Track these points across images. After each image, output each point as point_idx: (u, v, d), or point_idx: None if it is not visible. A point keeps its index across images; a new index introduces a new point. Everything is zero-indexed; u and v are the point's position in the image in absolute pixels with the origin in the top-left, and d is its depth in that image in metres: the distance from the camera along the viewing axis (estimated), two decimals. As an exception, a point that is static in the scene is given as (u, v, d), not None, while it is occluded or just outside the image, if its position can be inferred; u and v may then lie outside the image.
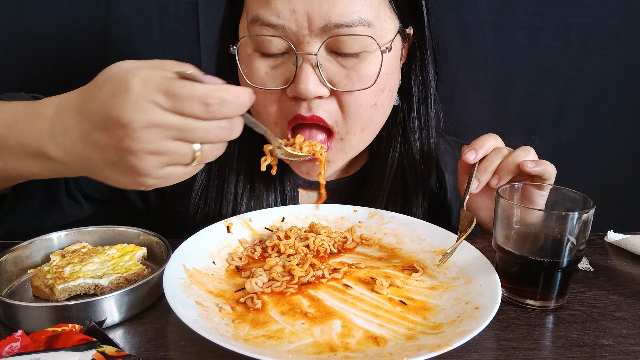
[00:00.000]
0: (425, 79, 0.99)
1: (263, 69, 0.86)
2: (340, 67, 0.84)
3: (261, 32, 0.82)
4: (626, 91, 1.51)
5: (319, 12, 0.79)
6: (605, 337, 0.66)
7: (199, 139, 0.61)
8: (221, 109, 0.60)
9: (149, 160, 0.60)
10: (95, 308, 0.65)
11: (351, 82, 0.85)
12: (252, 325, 0.65)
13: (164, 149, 0.60)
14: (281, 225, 0.91)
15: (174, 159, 0.61)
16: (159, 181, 0.63)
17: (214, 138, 0.62)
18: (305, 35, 0.81)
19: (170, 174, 0.63)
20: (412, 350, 0.59)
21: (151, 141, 0.59)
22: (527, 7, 1.43)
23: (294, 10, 0.79)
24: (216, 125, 0.61)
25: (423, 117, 1.00)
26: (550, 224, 0.71)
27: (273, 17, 0.80)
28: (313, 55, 0.82)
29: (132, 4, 1.39)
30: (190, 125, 0.60)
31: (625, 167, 1.59)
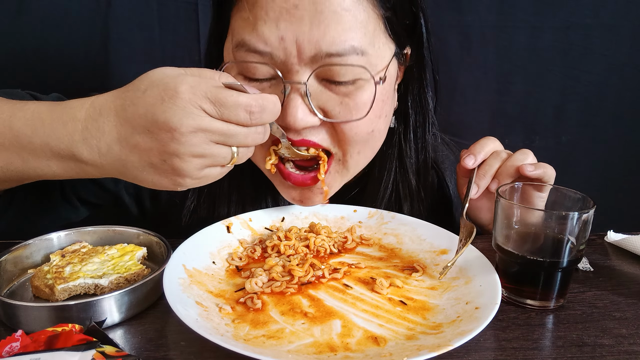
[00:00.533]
0: (423, 101, 0.95)
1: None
2: (333, 95, 0.79)
3: (247, 58, 0.77)
4: (626, 91, 1.51)
5: (309, 40, 0.73)
6: (605, 337, 0.66)
7: (239, 143, 0.67)
8: (262, 116, 0.66)
9: (192, 162, 0.65)
10: (95, 308, 0.65)
11: (344, 111, 0.79)
12: (252, 325, 0.65)
13: (207, 152, 0.65)
14: (281, 225, 0.91)
15: (214, 160, 0.67)
16: (197, 181, 0.68)
17: (251, 142, 0.68)
18: (294, 63, 0.75)
19: (209, 174, 0.68)
20: (412, 350, 0.59)
21: (197, 145, 0.64)
22: (527, 7, 1.43)
23: (283, 38, 0.73)
24: (254, 130, 0.67)
25: (420, 140, 0.97)
26: (550, 224, 0.71)
27: (260, 44, 0.75)
28: (302, 85, 0.76)
29: (132, 3, 1.39)
30: (234, 131, 0.65)
31: (625, 167, 1.59)
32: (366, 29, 0.76)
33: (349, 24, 0.74)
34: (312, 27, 0.73)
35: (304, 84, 0.76)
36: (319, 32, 0.73)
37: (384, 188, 0.98)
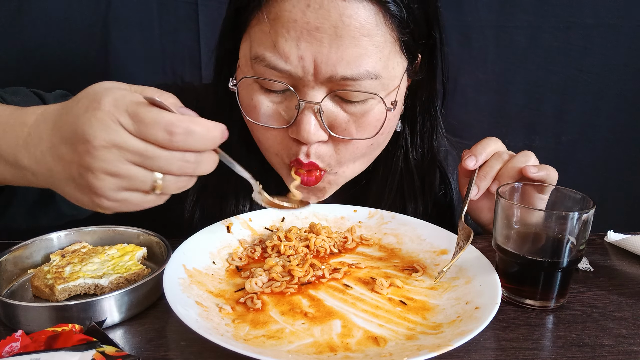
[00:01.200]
0: (431, 108, 0.96)
1: (264, 104, 0.83)
2: (343, 113, 0.82)
3: (264, 72, 0.79)
4: (626, 91, 1.51)
5: (327, 62, 0.75)
6: (605, 337, 0.66)
7: (161, 168, 0.59)
8: (187, 140, 0.58)
9: (106, 180, 0.58)
10: (95, 308, 0.65)
11: (352, 129, 0.83)
12: (252, 325, 0.65)
13: (122, 171, 0.58)
14: (281, 226, 0.91)
15: (131, 184, 0.59)
16: (116, 204, 0.61)
17: (177, 170, 0.60)
18: (310, 81, 0.78)
19: (128, 199, 0.61)
20: (412, 350, 0.59)
21: (110, 161, 0.57)
22: (527, 7, 1.43)
23: (302, 57, 0.76)
24: (180, 157, 0.59)
25: (427, 144, 0.98)
26: (550, 224, 0.71)
27: (280, 62, 0.77)
28: (316, 104, 0.79)
29: (132, 3, 1.39)
30: (152, 152, 0.58)
31: (625, 167, 1.59)
32: (382, 53, 0.78)
33: (366, 49, 0.76)
34: (330, 50, 0.75)
35: (318, 103, 0.79)
36: (336, 56, 0.75)
37: (389, 189, 0.99)
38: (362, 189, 1.01)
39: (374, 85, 0.79)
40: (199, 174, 0.62)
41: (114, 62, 1.43)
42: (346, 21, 0.74)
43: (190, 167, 0.60)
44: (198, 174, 0.62)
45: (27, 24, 1.37)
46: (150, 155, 0.58)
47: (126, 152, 0.57)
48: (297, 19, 0.75)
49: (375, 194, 1.00)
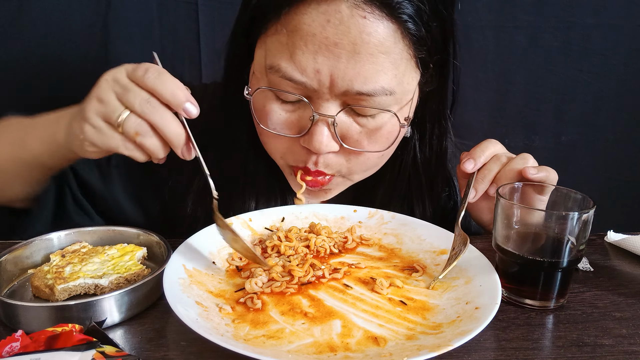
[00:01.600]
0: (442, 116, 0.97)
1: (277, 112, 0.83)
2: (355, 125, 0.83)
3: (280, 83, 0.80)
4: (626, 91, 1.51)
5: (343, 77, 0.76)
6: (605, 337, 0.66)
7: (128, 102, 0.70)
8: (155, 80, 0.70)
9: (93, 104, 0.71)
10: (95, 308, 0.65)
11: (364, 142, 0.84)
12: (252, 325, 0.65)
13: (104, 97, 0.71)
14: (281, 226, 0.91)
15: (106, 109, 0.70)
16: (92, 131, 0.72)
17: (138, 107, 0.69)
18: (325, 93, 0.78)
19: (101, 128, 0.71)
20: (412, 350, 0.59)
21: (102, 88, 0.71)
22: (527, 7, 1.43)
23: (319, 71, 0.76)
24: (146, 97, 0.70)
25: (436, 150, 0.99)
26: (550, 224, 0.71)
27: (296, 74, 0.77)
28: (330, 117, 0.80)
29: (132, 3, 1.39)
30: (129, 86, 0.70)
31: (625, 167, 1.59)
32: (397, 70, 0.79)
33: (382, 65, 0.77)
34: (347, 65, 0.75)
35: (333, 117, 0.80)
36: (353, 71, 0.76)
37: (397, 193, 1.00)
38: (368, 193, 1.02)
39: (388, 100, 0.80)
40: (161, 129, 0.70)
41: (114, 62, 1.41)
42: (365, 38, 0.74)
43: (148, 108, 0.70)
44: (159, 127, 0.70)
45: (26, 24, 1.37)
46: (127, 87, 0.70)
47: (115, 84, 0.71)
48: (316, 34, 0.75)
49: (382, 197, 1.01)
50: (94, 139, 0.72)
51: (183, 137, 0.72)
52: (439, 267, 0.79)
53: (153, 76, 0.70)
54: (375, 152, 0.86)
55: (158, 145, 0.72)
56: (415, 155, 0.98)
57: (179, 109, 0.71)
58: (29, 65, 1.41)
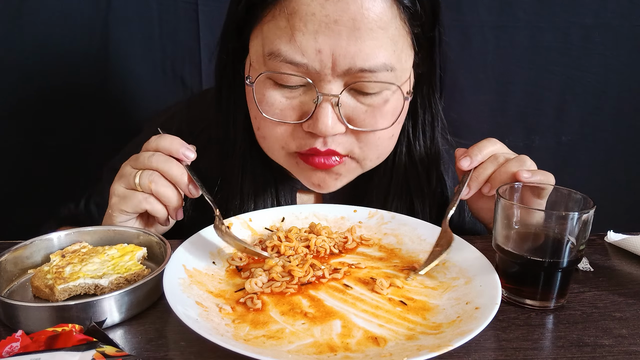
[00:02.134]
0: (431, 101, 0.97)
1: (278, 99, 0.83)
2: (360, 105, 0.83)
3: (281, 67, 0.79)
4: (626, 91, 1.51)
5: (345, 55, 0.77)
6: (605, 337, 0.66)
7: (141, 164, 0.83)
8: (158, 141, 0.84)
9: (116, 183, 0.85)
10: (95, 308, 0.65)
11: (370, 120, 0.84)
12: (252, 326, 0.65)
13: (124, 171, 0.85)
14: (281, 226, 0.91)
15: (126, 178, 0.84)
16: (119, 201, 0.84)
17: (147, 162, 0.82)
18: (327, 74, 0.79)
19: (124, 194, 0.84)
20: (412, 350, 0.59)
21: (122, 167, 0.86)
22: (527, 7, 1.43)
23: (320, 50, 0.76)
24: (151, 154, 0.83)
25: (429, 137, 1.00)
26: (550, 224, 0.71)
27: (297, 55, 0.77)
28: (335, 97, 0.80)
29: (132, 3, 1.39)
30: (139, 155, 0.84)
31: (625, 167, 1.59)
32: (396, 45, 0.80)
33: (382, 41, 0.78)
34: (349, 43, 0.76)
35: (337, 96, 0.80)
36: (355, 48, 0.76)
37: (395, 183, 1.00)
38: (366, 185, 1.01)
39: (389, 76, 0.80)
40: (167, 172, 0.83)
41: (114, 63, 1.43)
42: (365, 13, 0.75)
43: (155, 160, 0.82)
44: (165, 172, 0.83)
45: (27, 24, 1.37)
46: (137, 156, 0.84)
47: (130, 161, 0.85)
48: (316, 12, 0.75)
49: (380, 189, 1.00)
50: (121, 206, 0.84)
51: (185, 177, 0.83)
52: (439, 267, 0.79)
53: (154, 139, 0.84)
54: (383, 130, 0.85)
55: (170, 191, 0.83)
56: (410, 144, 0.99)
57: (179, 154, 0.83)
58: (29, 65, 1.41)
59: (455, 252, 0.81)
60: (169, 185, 0.83)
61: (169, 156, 0.83)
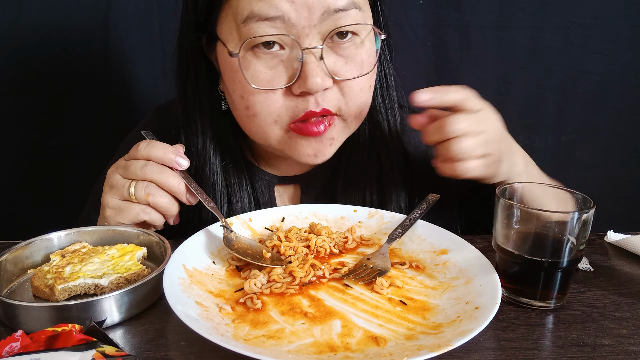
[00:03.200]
0: (384, 60, 1.00)
1: (262, 69, 0.84)
2: (339, 57, 0.86)
3: (257, 29, 0.81)
4: (626, 91, 1.51)
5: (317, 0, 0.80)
6: (605, 337, 0.66)
7: (133, 173, 0.83)
8: (148, 148, 0.83)
9: (106, 194, 0.86)
10: (95, 308, 0.65)
11: (352, 69, 0.87)
12: (252, 325, 0.65)
13: (113, 181, 0.85)
14: (281, 226, 0.91)
15: (117, 191, 0.84)
16: (113, 212, 0.85)
17: (140, 173, 0.82)
18: (305, 26, 0.81)
19: (119, 206, 0.84)
20: (412, 350, 0.59)
21: (109, 177, 0.86)
22: (527, 7, 1.43)
23: (293, 0, 0.79)
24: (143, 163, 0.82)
25: (387, 98, 1.02)
26: (550, 224, 0.71)
27: (271, 10, 0.79)
28: (317, 49, 0.82)
29: (132, 3, 1.39)
30: (128, 163, 0.84)
31: (625, 167, 1.59)
32: None
33: None
34: None
35: (319, 48, 0.82)
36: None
37: (362, 144, 1.01)
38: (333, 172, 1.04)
39: (359, 15, 0.85)
40: (163, 183, 0.83)
41: (114, 62, 1.43)
42: None
43: (149, 170, 0.82)
44: (161, 183, 0.83)
45: (27, 24, 1.37)
46: (127, 165, 0.84)
47: (117, 169, 0.85)
48: None
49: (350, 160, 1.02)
50: (118, 218, 0.84)
51: (183, 186, 0.84)
52: (439, 267, 0.79)
53: (144, 146, 0.83)
54: (364, 79, 0.88)
55: (168, 200, 0.84)
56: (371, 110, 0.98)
57: (172, 164, 0.83)
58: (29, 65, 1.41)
59: (455, 252, 0.81)
60: (166, 195, 0.84)
61: (162, 165, 0.83)
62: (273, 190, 1.06)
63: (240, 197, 1.00)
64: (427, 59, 1.49)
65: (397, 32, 1.43)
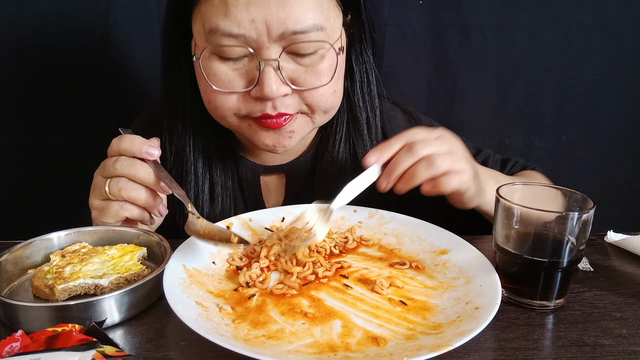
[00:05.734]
0: (365, 58, 1.03)
1: (224, 71, 0.88)
2: (299, 66, 0.88)
3: (221, 41, 0.85)
4: (626, 91, 1.51)
5: (277, 20, 0.82)
6: (605, 337, 0.66)
7: (108, 171, 0.82)
8: (119, 143, 0.83)
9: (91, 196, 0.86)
10: (95, 308, 0.65)
11: (311, 79, 0.89)
12: (252, 325, 0.65)
13: (95, 182, 0.85)
14: (281, 226, 0.91)
15: (97, 191, 0.84)
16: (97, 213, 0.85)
17: (112, 169, 0.82)
18: (264, 41, 0.84)
19: (102, 206, 0.84)
20: (412, 350, 0.59)
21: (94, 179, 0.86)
22: (527, 7, 1.43)
23: (254, 20, 0.82)
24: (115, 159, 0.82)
25: (367, 94, 1.05)
26: (550, 224, 0.71)
27: (234, 27, 0.83)
28: (274, 61, 0.85)
29: (132, 3, 1.39)
30: (105, 162, 0.84)
31: (626, 166, 1.59)
32: (322, 7, 0.87)
33: (309, 4, 0.84)
34: (278, 9, 0.82)
35: (277, 59, 0.85)
36: (284, 13, 0.83)
37: (339, 139, 1.05)
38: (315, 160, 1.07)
39: (320, 35, 0.87)
40: (133, 176, 0.82)
41: (114, 62, 1.43)
42: None
43: (119, 166, 0.81)
44: (131, 176, 0.82)
45: (26, 24, 1.37)
46: (103, 164, 0.84)
47: (99, 170, 0.85)
48: None
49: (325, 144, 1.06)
50: (102, 218, 0.84)
51: (153, 177, 0.82)
52: (439, 267, 0.79)
53: (115, 142, 0.84)
54: (325, 87, 0.90)
55: (143, 193, 0.83)
56: (349, 99, 1.03)
57: (142, 154, 0.82)
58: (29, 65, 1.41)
59: (455, 252, 0.81)
60: (139, 187, 0.83)
61: (132, 158, 0.83)
62: (258, 179, 1.08)
63: (225, 186, 1.04)
64: (427, 59, 1.49)
65: (397, 32, 1.43)
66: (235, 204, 1.06)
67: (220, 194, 1.04)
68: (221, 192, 1.04)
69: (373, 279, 0.76)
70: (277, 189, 1.11)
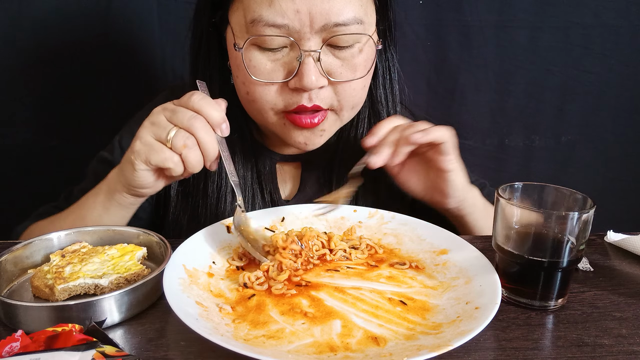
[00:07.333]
0: (388, 55, 1.06)
1: (263, 62, 0.90)
2: (336, 60, 0.91)
3: (264, 31, 0.87)
4: (626, 91, 1.51)
5: (320, 12, 0.85)
6: (605, 337, 0.66)
7: (177, 119, 0.81)
8: (200, 101, 0.82)
9: (146, 127, 0.83)
10: (95, 308, 0.65)
11: (346, 72, 0.92)
12: (252, 325, 0.65)
13: (155, 119, 0.83)
14: (281, 226, 0.91)
15: (157, 129, 0.82)
16: (144, 148, 0.82)
17: (187, 123, 0.80)
18: (306, 32, 0.86)
19: (152, 144, 0.82)
20: (412, 350, 0.59)
21: (154, 114, 0.84)
22: (527, 7, 1.43)
23: (298, 10, 0.84)
24: (191, 115, 0.81)
25: (389, 90, 1.07)
26: (550, 224, 0.71)
27: (278, 18, 0.85)
28: (315, 52, 0.88)
29: (132, 3, 1.39)
30: (177, 109, 0.82)
31: (626, 166, 1.59)
32: (362, 1, 0.90)
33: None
34: (322, 1, 0.85)
35: (318, 51, 0.88)
36: (328, 5, 0.85)
37: (360, 134, 1.07)
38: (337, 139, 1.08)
39: (359, 28, 0.89)
40: (202, 140, 0.81)
41: (114, 62, 1.43)
42: None
43: (196, 125, 0.80)
44: (202, 141, 0.81)
45: (26, 24, 1.37)
46: (175, 110, 0.82)
47: (164, 110, 0.83)
48: None
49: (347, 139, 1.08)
50: (146, 154, 0.82)
51: (216, 153, 0.83)
52: (439, 267, 0.79)
53: (198, 98, 0.82)
54: (358, 81, 0.93)
55: (199, 158, 0.82)
56: (371, 93, 1.05)
57: (217, 128, 0.83)
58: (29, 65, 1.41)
59: (455, 252, 0.81)
60: (200, 154, 0.83)
61: (208, 124, 0.82)
62: (275, 167, 1.09)
63: (244, 169, 1.05)
64: (427, 59, 1.49)
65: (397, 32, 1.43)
66: (253, 193, 1.06)
67: (240, 184, 1.03)
68: (241, 182, 1.04)
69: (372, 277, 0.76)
70: (293, 178, 1.11)
